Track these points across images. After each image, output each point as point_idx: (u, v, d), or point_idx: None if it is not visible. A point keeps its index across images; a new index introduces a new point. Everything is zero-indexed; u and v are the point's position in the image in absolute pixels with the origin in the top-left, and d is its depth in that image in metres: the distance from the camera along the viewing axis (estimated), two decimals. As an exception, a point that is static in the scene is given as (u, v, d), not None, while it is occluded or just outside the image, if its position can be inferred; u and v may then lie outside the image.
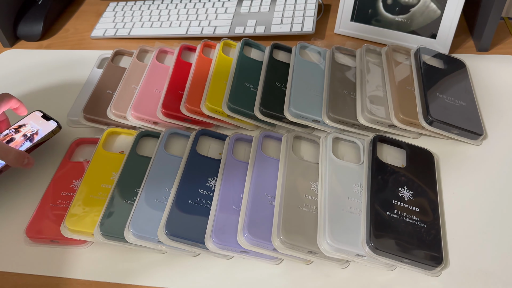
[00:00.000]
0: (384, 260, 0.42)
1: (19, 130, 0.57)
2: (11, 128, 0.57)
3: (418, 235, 0.43)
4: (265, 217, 0.44)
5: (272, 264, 0.45)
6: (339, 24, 0.72)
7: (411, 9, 0.66)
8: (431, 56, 0.62)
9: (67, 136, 0.59)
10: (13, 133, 0.56)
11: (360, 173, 0.48)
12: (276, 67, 0.61)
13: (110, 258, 0.47)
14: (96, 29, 0.78)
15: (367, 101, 0.55)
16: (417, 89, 0.56)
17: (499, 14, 0.62)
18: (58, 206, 0.50)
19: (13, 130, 0.57)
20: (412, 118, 0.53)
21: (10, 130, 0.57)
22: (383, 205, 0.44)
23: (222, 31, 0.72)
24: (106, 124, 0.58)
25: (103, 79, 0.62)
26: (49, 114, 0.58)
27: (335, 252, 0.42)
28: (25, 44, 0.79)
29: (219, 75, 0.60)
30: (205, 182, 0.49)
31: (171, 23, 0.75)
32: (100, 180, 0.50)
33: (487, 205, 0.48)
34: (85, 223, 0.47)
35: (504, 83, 0.60)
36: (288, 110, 0.55)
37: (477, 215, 0.47)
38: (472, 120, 0.54)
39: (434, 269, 0.42)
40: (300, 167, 0.49)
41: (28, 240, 0.48)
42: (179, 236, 0.44)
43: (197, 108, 0.56)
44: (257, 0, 0.77)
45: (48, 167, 0.56)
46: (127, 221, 0.45)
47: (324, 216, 0.44)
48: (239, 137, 0.53)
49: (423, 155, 0.51)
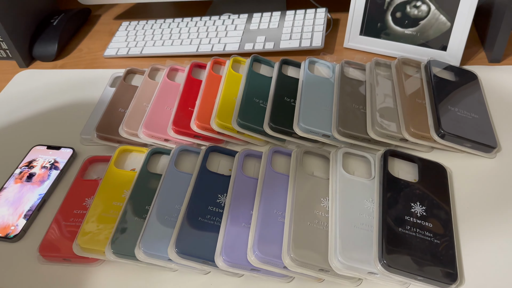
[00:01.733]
0: (397, 277, 0.41)
1: (32, 165, 0.58)
2: (21, 166, 0.58)
3: (432, 251, 0.42)
4: (275, 234, 0.44)
5: (283, 282, 0.44)
6: (348, 38, 0.72)
7: (421, 22, 0.66)
8: (442, 68, 0.61)
9: (80, 154, 0.60)
10: (27, 169, 0.58)
11: (371, 188, 0.48)
12: (285, 82, 0.61)
13: (122, 276, 0.47)
14: (109, 48, 0.79)
15: (377, 115, 0.54)
16: (428, 102, 0.56)
17: (510, 25, 0.61)
18: (71, 224, 0.50)
19: (25, 167, 0.58)
20: (424, 131, 0.53)
21: (21, 169, 0.58)
22: (395, 221, 0.44)
23: (232, 48, 0.73)
24: (118, 142, 0.59)
25: (116, 97, 0.63)
26: (56, 140, 0.61)
27: (346, 270, 0.42)
28: (40, 64, 0.80)
29: (229, 91, 0.60)
30: (215, 198, 0.49)
31: (182, 41, 0.77)
32: (112, 198, 0.51)
33: (503, 219, 0.47)
34: (97, 241, 0.47)
35: (518, 94, 0.59)
36: (298, 125, 0.55)
37: (493, 230, 0.46)
38: (485, 133, 0.53)
39: (449, 287, 0.41)
40: (310, 183, 0.48)
41: (41, 258, 0.49)
42: (189, 254, 0.44)
43: (207, 124, 0.56)
44: (266, 17, 0.78)
45: (61, 184, 0.57)
46: (137, 239, 0.46)
47: (335, 233, 0.43)
48: (248, 153, 0.53)
49: (436, 169, 0.50)
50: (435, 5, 0.64)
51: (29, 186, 0.56)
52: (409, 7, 0.66)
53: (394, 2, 0.66)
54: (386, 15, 0.68)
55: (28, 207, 0.54)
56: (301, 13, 0.76)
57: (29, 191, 0.56)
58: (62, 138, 0.63)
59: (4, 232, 0.52)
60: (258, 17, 0.78)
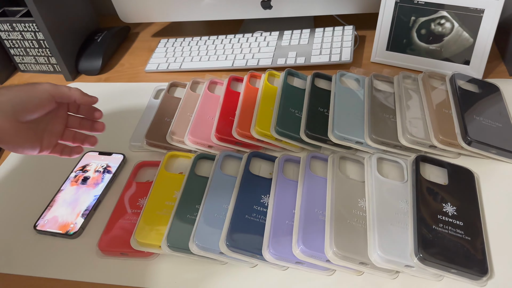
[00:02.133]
0: (432, 270, 0.45)
1: (86, 169, 0.64)
2: (75, 170, 0.64)
3: (464, 247, 0.46)
4: (317, 230, 0.48)
5: (325, 275, 0.48)
6: (375, 53, 0.77)
7: (444, 38, 0.70)
8: (466, 81, 0.65)
9: (130, 160, 0.65)
10: (82, 173, 0.63)
11: (405, 190, 0.52)
12: (318, 94, 0.66)
13: (175, 268, 0.51)
14: (150, 63, 0.85)
15: (407, 124, 0.58)
16: (454, 111, 0.60)
17: (530, 41, 0.65)
18: (126, 222, 0.55)
19: (79, 171, 0.63)
20: (452, 139, 0.56)
21: (76, 172, 0.63)
22: (429, 219, 0.47)
23: (265, 63, 0.78)
24: (165, 149, 0.64)
25: (161, 108, 0.69)
26: (105, 148, 0.66)
27: (385, 263, 0.45)
28: (85, 78, 0.87)
29: (266, 102, 0.65)
30: (259, 199, 0.53)
31: (218, 56, 0.82)
32: (164, 198, 0.56)
33: (529, 220, 0.50)
34: (153, 237, 0.52)
35: (539, 105, 0.63)
36: (332, 133, 0.59)
37: (520, 229, 0.49)
38: (509, 140, 0.57)
39: (480, 279, 0.45)
40: (348, 185, 0.52)
41: (100, 253, 0.54)
42: (239, 248, 0.48)
43: (247, 132, 0.61)
44: (296, 34, 0.83)
45: (114, 187, 0.62)
46: (191, 234, 0.50)
47: (374, 229, 0.47)
48: (287, 158, 0.58)
49: (464, 174, 0.54)
50: (458, 22, 0.68)
51: (85, 188, 0.62)
52: (434, 24, 0.70)
53: (419, 20, 0.71)
54: (412, 32, 0.72)
55: (85, 207, 0.59)
56: (329, 30, 0.81)
57: (84, 193, 0.61)
58: (112, 145, 0.68)
59: (64, 230, 0.57)
60: (289, 34, 0.83)
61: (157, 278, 0.51)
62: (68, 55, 0.85)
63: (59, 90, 0.50)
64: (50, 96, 0.50)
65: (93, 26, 0.93)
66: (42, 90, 0.49)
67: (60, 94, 0.50)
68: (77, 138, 0.56)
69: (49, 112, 0.51)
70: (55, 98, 0.50)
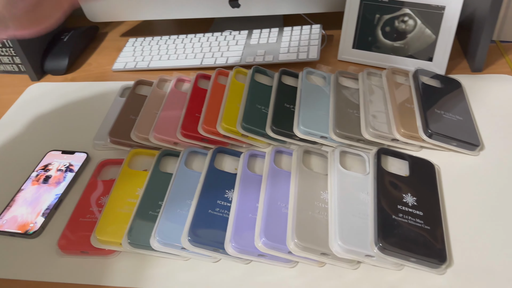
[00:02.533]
0: (392, 259, 0.45)
1: (48, 168, 0.62)
2: (37, 169, 0.62)
3: (423, 236, 0.46)
4: (280, 223, 0.48)
5: (288, 267, 0.48)
6: (341, 51, 0.78)
7: (408, 35, 0.72)
8: (429, 77, 0.66)
9: (94, 159, 0.64)
10: (43, 172, 0.62)
11: (366, 182, 0.52)
12: (285, 90, 0.66)
13: (137, 265, 0.50)
14: (117, 62, 0.84)
15: (370, 118, 0.59)
16: (416, 106, 0.61)
17: (489, 38, 0.67)
18: (87, 220, 0.54)
19: (41, 170, 0.62)
20: (413, 132, 0.57)
21: (37, 172, 0.62)
22: (389, 210, 0.48)
23: (234, 61, 0.78)
24: (129, 146, 0.63)
25: (126, 105, 0.68)
26: (68, 146, 0.65)
27: (346, 253, 0.45)
28: (51, 78, 0.85)
29: (233, 98, 0.65)
30: (223, 193, 0.53)
31: (186, 55, 0.82)
32: (127, 195, 0.55)
33: (486, 208, 0.51)
34: (114, 234, 0.51)
35: (497, 100, 0.65)
36: (298, 128, 0.59)
37: (477, 219, 0.50)
38: (469, 133, 0.58)
39: (439, 267, 0.45)
40: (311, 178, 0.53)
41: (60, 252, 0.52)
42: (201, 242, 0.48)
43: (213, 128, 0.61)
44: (265, 33, 0.83)
45: (77, 186, 0.61)
46: (152, 231, 0.49)
47: (335, 220, 0.47)
48: (253, 153, 0.57)
49: (425, 165, 0.55)
50: (421, 19, 0.70)
51: (46, 187, 0.60)
52: (397, 22, 0.72)
53: (384, 18, 0.72)
54: (376, 29, 0.74)
55: (46, 206, 0.58)
56: (297, 29, 0.82)
57: (46, 192, 0.59)
58: (75, 144, 0.67)
59: (23, 229, 0.55)
60: (258, 33, 0.84)
61: (118, 275, 0.50)
62: (33, 54, 0.84)
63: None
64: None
65: (60, 25, 0.92)
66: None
67: None
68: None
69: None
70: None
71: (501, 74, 0.70)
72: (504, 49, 0.76)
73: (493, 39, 0.78)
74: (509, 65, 0.72)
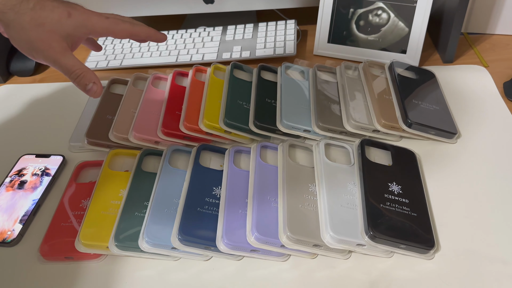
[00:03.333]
0: (383, 247, 0.46)
1: (23, 173, 0.60)
2: (10, 175, 0.60)
3: (411, 222, 0.47)
4: (270, 217, 0.48)
5: (280, 260, 0.48)
6: (317, 46, 0.78)
7: (382, 29, 0.73)
8: (404, 68, 0.68)
9: (71, 161, 0.62)
10: (18, 177, 0.59)
11: (352, 173, 0.53)
12: (265, 85, 0.66)
13: (126, 269, 0.49)
14: (88, 61, 0.81)
15: (351, 110, 0.60)
16: (394, 97, 0.62)
17: (459, 30, 0.69)
18: (69, 224, 0.52)
19: (15, 175, 0.59)
20: (393, 122, 0.59)
21: (11, 177, 0.59)
22: (376, 199, 0.49)
23: (210, 57, 0.78)
24: (108, 147, 0.61)
25: (102, 105, 0.66)
26: (42, 150, 0.63)
27: (337, 243, 0.46)
28: (18, 79, 0.81)
29: (213, 95, 0.64)
30: (211, 191, 0.52)
31: (160, 52, 0.80)
32: (109, 197, 0.53)
33: (466, 194, 0.53)
34: (99, 237, 0.49)
35: (469, 88, 0.67)
36: (281, 122, 0.59)
37: (458, 203, 0.52)
38: (446, 121, 0.60)
39: (428, 252, 0.47)
40: (298, 171, 0.53)
41: (42, 259, 0.50)
42: (192, 241, 0.47)
43: (195, 125, 0.60)
44: (240, 28, 0.83)
45: (55, 190, 0.58)
46: (140, 232, 0.48)
47: (325, 212, 0.48)
48: (238, 149, 0.57)
49: (406, 154, 0.56)
50: (394, 13, 0.71)
51: (22, 193, 0.57)
52: (371, 15, 0.73)
53: (358, 12, 0.74)
54: (351, 23, 0.75)
55: (23, 213, 0.55)
56: (272, 25, 0.82)
57: (22, 198, 0.57)
58: (49, 147, 0.64)
59: (1, 238, 0.52)
60: (233, 29, 0.83)
61: (106, 280, 0.48)
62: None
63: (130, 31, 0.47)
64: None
65: (25, 24, 0.88)
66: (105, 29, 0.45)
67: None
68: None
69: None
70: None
71: (471, 64, 0.73)
72: (472, 40, 0.79)
73: (461, 31, 0.81)
74: (478, 55, 0.75)
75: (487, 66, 0.72)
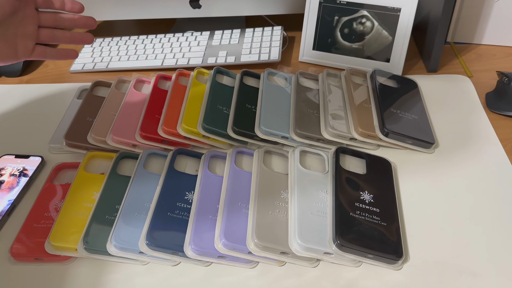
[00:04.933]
0: (350, 256, 0.46)
1: (1, 173, 0.60)
2: None
3: (380, 232, 0.47)
4: (240, 223, 0.48)
5: (248, 267, 0.48)
6: (302, 52, 0.79)
7: (366, 37, 0.73)
8: (386, 77, 0.68)
9: (49, 162, 0.62)
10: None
11: (325, 180, 0.53)
12: (246, 91, 0.66)
13: (94, 271, 0.49)
14: (75, 63, 0.82)
15: (329, 118, 0.60)
16: (373, 105, 0.62)
17: (443, 39, 0.69)
18: (42, 226, 0.52)
19: None
20: (370, 131, 0.59)
21: None
22: (346, 207, 0.49)
23: (195, 62, 0.78)
24: (86, 149, 0.61)
25: (83, 107, 0.66)
26: (23, 150, 0.63)
27: (305, 251, 0.46)
28: (5, 80, 0.82)
29: (194, 99, 0.64)
30: (183, 196, 0.52)
31: (147, 56, 0.80)
32: (83, 200, 0.53)
33: (441, 204, 0.53)
34: (69, 240, 0.49)
35: (451, 99, 0.67)
36: (259, 128, 0.59)
37: (432, 214, 0.52)
38: (425, 131, 0.60)
39: (396, 263, 0.46)
40: (271, 178, 0.53)
41: (13, 259, 0.50)
42: (159, 246, 0.47)
43: (173, 130, 0.60)
44: (227, 34, 0.83)
45: (31, 190, 0.58)
46: (109, 235, 0.48)
47: (294, 219, 0.47)
48: (214, 154, 0.57)
49: (381, 163, 0.56)
50: (378, 21, 0.72)
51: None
52: (355, 23, 0.73)
53: (342, 20, 0.74)
54: (335, 31, 0.75)
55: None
56: (259, 31, 0.82)
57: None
58: (30, 148, 0.65)
59: (-27, 237, 0.53)
60: (220, 34, 0.83)
61: (74, 282, 0.48)
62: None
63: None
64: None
65: (14, 25, 0.88)
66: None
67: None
68: (58, 37, 0.50)
69: (14, 13, 0.46)
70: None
71: (455, 74, 0.73)
72: (458, 50, 0.78)
73: (447, 41, 0.81)
74: (463, 65, 0.75)
75: (471, 76, 0.72)
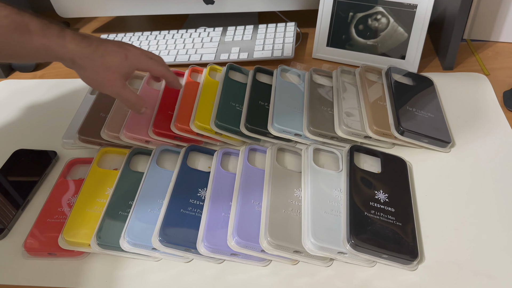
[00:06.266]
0: (364, 256, 0.45)
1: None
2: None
3: (395, 232, 0.47)
4: (253, 221, 0.48)
5: (261, 265, 0.48)
6: (316, 49, 0.78)
7: (381, 33, 0.72)
8: (401, 75, 0.67)
9: (62, 158, 0.62)
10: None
11: (339, 179, 0.52)
12: (259, 87, 0.65)
13: (107, 267, 0.49)
14: (88, 59, 0.82)
15: (344, 116, 0.59)
16: (388, 103, 0.61)
17: (460, 37, 0.68)
18: (55, 221, 0.52)
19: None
20: (385, 129, 0.58)
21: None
22: (361, 206, 0.48)
23: (208, 58, 0.77)
24: (99, 145, 0.61)
25: (97, 103, 0.66)
26: (37, 145, 0.64)
27: (318, 250, 0.45)
28: (19, 75, 0.82)
29: (207, 96, 0.64)
30: (196, 192, 0.52)
31: (160, 52, 0.80)
32: (96, 195, 0.53)
33: (457, 204, 0.52)
34: (82, 235, 0.49)
35: (468, 97, 0.66)
36: (272, 126, 0.59)
37: (448, 214, 0.51)
38: (441, 130, 0.59)
39: (411, 263, 0.46)
40: (285, 175, 0.52)
41: (26, 254, 0.50)
42: (172, 242, 0.47)
43: (186, 126, 0.60)
44: (240, 30, 0.83)
45: (45, 185, 0.59)
46: (122, 231, 0.48)
47: (308, 218, 0.47)
48: (226, 151, 0.57)
49: (397, 162, 0.55)
50: (393, 18, 0.70)
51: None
52: (370, 20, 0.72)
53: (357, 16, 0.73)
54: (350, 27, 0.74)
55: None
56: (272, 27, 0.82)
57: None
58: (44, 142, 0.65)
59: (-13, 231, 0.53)
60: (233, 30, 0.83)
61: (87, 277, 0.48)
62: (0, 50, 0.81)
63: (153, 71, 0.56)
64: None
65: (29, 21, 0.89)
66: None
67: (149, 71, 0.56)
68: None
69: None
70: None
71: (471, 72, 0.71)
72: (475, 47, 0.77)
73: (464, 38, 0.79)
74: (479, 63, 0.73)
75: (488, 74, 0.71)
